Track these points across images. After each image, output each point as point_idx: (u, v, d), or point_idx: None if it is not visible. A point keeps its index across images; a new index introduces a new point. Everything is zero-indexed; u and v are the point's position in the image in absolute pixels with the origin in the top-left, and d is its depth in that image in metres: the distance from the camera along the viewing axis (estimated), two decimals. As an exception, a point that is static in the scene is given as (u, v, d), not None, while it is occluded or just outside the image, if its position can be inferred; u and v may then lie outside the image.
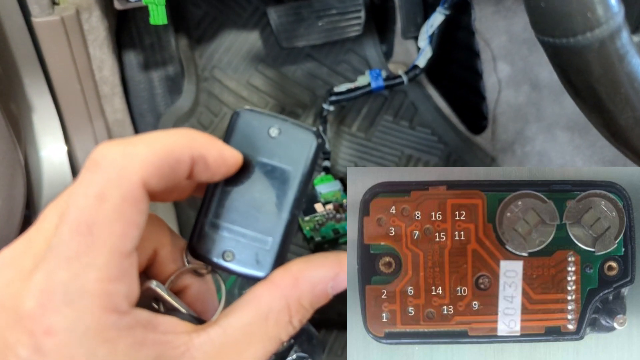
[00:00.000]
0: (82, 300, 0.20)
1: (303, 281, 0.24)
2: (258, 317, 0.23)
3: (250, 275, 0.25)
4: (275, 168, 0.25)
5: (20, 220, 0.59)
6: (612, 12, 0.31)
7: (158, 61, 0.86)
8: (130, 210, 0.21)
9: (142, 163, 0.21)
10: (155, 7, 0.56)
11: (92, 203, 0.21)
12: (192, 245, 0.26)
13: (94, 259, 0.21)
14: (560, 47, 0.33)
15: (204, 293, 0.27)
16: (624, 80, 0.33)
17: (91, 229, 0.21)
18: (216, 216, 0.25)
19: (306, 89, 0.99)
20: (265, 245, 0.25)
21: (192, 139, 0.23)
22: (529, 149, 0.90)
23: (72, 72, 0.66)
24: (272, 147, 0.25)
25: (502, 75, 0.91)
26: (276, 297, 0.24)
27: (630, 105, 0.34)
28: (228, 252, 0.25)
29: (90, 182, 0.21)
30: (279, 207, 0.25)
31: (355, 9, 0.92)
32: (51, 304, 0.20)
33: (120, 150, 0.22)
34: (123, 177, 0.21)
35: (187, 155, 0.23)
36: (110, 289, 0.21)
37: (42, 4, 0.60)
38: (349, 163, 0.96)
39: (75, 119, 0.69)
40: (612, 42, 0.32)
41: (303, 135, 0.25)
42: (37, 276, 0.21)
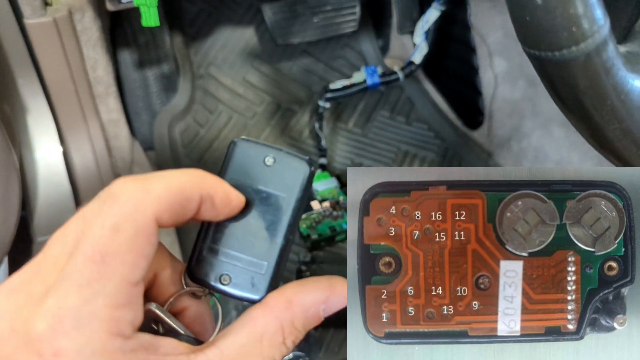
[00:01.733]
0: (91, 324, 0.22)
1: (296, 304, 0.25)
2: (253, 339, 0.25)
3: (246, 298, 0.26)
4: (270, 195, 0.27)
5: (17, 221, 0.59)
6: (597, 25, 0.31)
7: (153, 59, 0.85)
8: (143, 242, 0.23)
9: (156, 199, 0.23)
10: (147, 9, 0.56)
11: (108, 234, 0.22)
12: (190, 269, 0.27)
13: (105, 286, 0.22)
14: (546, 60, 0.33)
15: (202, 315, 0.28)
16: (610, 92, 0.33)
17: (105, 258, 0.22)
18: (214, 241, 0.27)
19: (302, 85, 0.99)
20: (260, 269, 0.26)
21: (203, 179, 0.25)
22: (525, 145, 0.90)
23: (65, 72, 0.66)
24: (267, 175, 0.27)
25: (498, 70, 0.91)
26: (270, 320, 0.25)
27: (617, 117, 0.34)
28: (225, 276, 0.27)
29: (107, 214, 0.23)
30: (274, 232, 0.26)
31: (351, 5, 0.92)
32: (61, 328, 0.22)
33: (137, 186, 0.23)
34: (138, 211, 0.23)
35: (197, 194, 0.24)
36: (117, 315, 0.22)
37: (34, 5, 0.60)
38: (345, 160, 0.95)
39: (69, 120, 0.69)
40: (598, 55, 0.32)
41: (296, 164, 0.27)
42: (50, 301, 0.22)
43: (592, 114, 0.35)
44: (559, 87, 0.35)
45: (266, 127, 0.96)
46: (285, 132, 0.96)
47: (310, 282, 0.26)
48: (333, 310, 0.26)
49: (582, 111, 0.35)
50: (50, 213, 0.70)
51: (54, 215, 0.71)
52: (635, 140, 0.36)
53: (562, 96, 0.36)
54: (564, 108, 0.37)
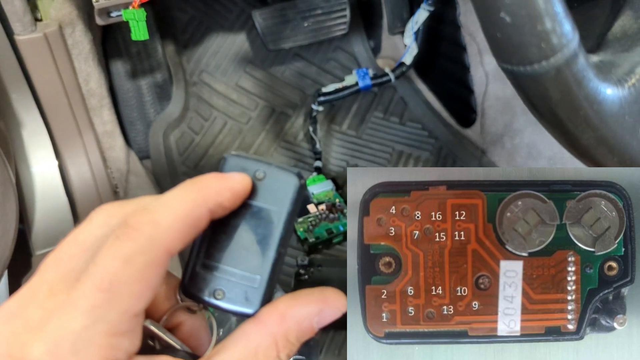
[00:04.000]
0: (88, 350, 0.22)
1: (289, 318, 0.25)
2: (247, 354, 0.25)
3: (240, 313, 0.26)
4: (262, 209, 0.27)
5: (14, 236, 0.59)
6: (566, 39, 0.31)
7: (145, 69, 0.85)
8: (152, 274, 0.23)
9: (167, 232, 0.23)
10: (136, 24, 0.56)
11: (119, 265, 0.23)
12: (184, 284, 0.27)
13: (107, 314, 0.22)
14: (518, 74, 0.34)
15: (197, 329, 0.29)
16: (583, 103, 0.34)
17: (112, 286, 0.22)
18: (207, 256, 0.27)
19: (296, 89, 0.99)
20: (253, 283, 0.26)
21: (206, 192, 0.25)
22: (518, 141, 0.90)
23: (58, 87, 0.66)
24: (258, 189, 0.27)
25: (489, 68, 0.91)
26: (264, 334, 0.25)
27: (590, 126, 0.35)
28: (219, 291, 0.27)
29: (120, 247, 0.23)
30: (266, 246, 0.26)
31: (340, 8, 0.92)
32: (58, 353, 0.22)
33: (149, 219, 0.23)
34: (151, 245, 0.23)
35: (206, 211, 0.25)
36: (114, 343, 0.22)
37: (24, 21, 0.60)
38: (340, 162, 0.96)
39: (64, 133, 0.69)
40: (568, 68, 0.32)
41: (286, 177, 0.27)
42: (51, 325, 0.22)
43: (567, 124, 0.35)
44: (533, 99, 0.35)
45: (261, 132, 0.96)
46: (280, 136, 0.96)
47: (303, 295, 0.26)
48: (326, 322, 0.26)
49: (556, 122, 0.35)
50: (48, 226, 0.70)
51: (52, 228, 0.70)
52: (610, 148, 0.36)
53: (537, 108, 0.36)
54: (540, 119, 0.37)
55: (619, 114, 0.34)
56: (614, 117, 0.34)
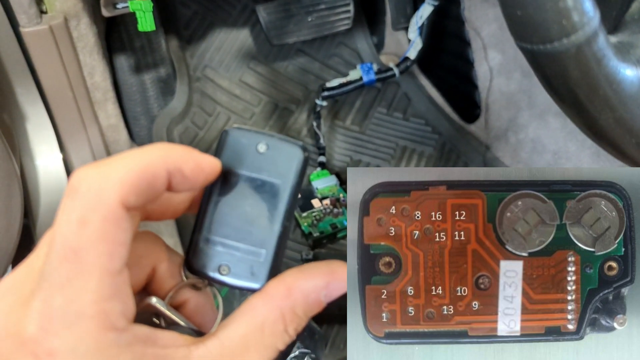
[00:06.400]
0: (80, 322, 0.21)
1: (296, 291, 0.25)
2: (254, 328, 0.24)
3: (246, 287, 0.26)
4: (265, 182, 0.26)
5: (19, 229, 0.60)
6: (587, 17, 0.31)
7: (149, 63, 0.85)
8: (113, 230, 0.22)
9: (118, 183, 0.22)
10: (142, 14, 0.56)
11: (75, 229, 0.22)
12: (188, 261, 0.27)
13: (86, 282, 0.21)
14: (538, 53, 0.33)
15: (203, 306, 0.28)
16: (602, 82, 0.34)
17: (77, 253, 0.21)
18: (210, 232, 0.26)
19: (299, 84, 0.99)
20: (259, 257, 0.26)
21: (167, 153, 0.24)
22: (523, 136, 0.90)
23: (63, 80, 0.66)
24: (260, 162, 0.26)
25: (493, 63, 0.91)
26: (271, 308, 0.24)
27: (609, 106, 0.35)
28: (223, 266, 0.26)
29: (71, 208, 0.22)
30: (271, 220, 0.26)
31: (344, 3, 0.92)
32: (51, 328, 0.21)
33: (97, 174, 0.22)
34: (101, 199, 0.22)
35: (163, 169, 0.23)
36: (105, 308, 0.22)
37: (29, 13, 0.60)
38: (344, 157, 0.96)
39: (69, 127, 0.69)
40: (589, 47, 0.32)
41: (290, 149, 0.26)
42: (35, 303, 0.22)
43: (586, 105, 0.35)
44: (551, 79, 0.35)
45: (264, 127, 0.96)
46: (284, 131, 0.96)
47: (310, 267, 0.25)
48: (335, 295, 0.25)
49: (575, 102, 0.35)
50: (52, 220, 0.70)
51: (56, 222, 0.71)
52: (629, 129, 0.36)
53: (555, 88, 0.36)
54: (558, 99, 0.37)
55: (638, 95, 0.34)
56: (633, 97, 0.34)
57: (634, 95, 0.34)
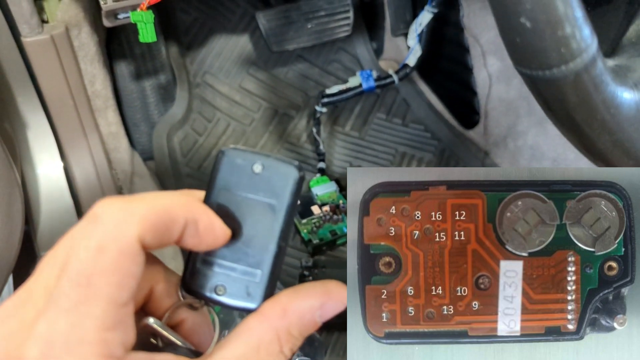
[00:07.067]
0: (81, 349, 0.22)
1: (291, 312, 0.25)
2: (250, 349, 0.24)
3: (242, 308, 0.26)
4: (261, 203, 0.26)
5: (20, 237, 0.60)
6: (585, 44, 0.32)
7: (149, 70, 0.86)
8: (127, 262, 0.23)
9: (139, 219, 0.23)
10: (144, 25, 0.57)
11: (92, 255, 0.22)
12: (185, 281, 0.27)
13: (92, 309, 0.22)
14: (537, 79, 0.34)
15: (200, 325, 0.28)
16: (600, 107, 0.34)
17: (90, 280, 0.22)
18: (207, 252, 0.27)
19: (299, 90, 0.99)
20: (254, 278, 0.26)
21: (189, 204, 0.25)
22: (521, 143, 0.90)
23: (64, 88, 0.66)
24: (256, 183, 0.26)
25: (492, 70, 0.92)
26: (266, 329, 0.25)
27: (607, 130, 0.35)
28: (220, 287, 0.26)
29: (91, 235, 0.22)
30: (266, 240, 0.26)
31: (344, 10, 0.93)
32: (52, 353, 0.22)
33: (120, 206, 0.23)
34: (122, 231, 0.22)
35: (182, 217, 0.24)
36: (107, 338, 0.22)
37: (31, 23, 0.60)
38: (344, 163, 0.96)
39: (69, 135, 0.69)
40: (587, 73, 0.33)
41: (285, 169, 0.26)
42: (40, 327, 0.22)
43: (584, 128, 0.35)
44: (550, 103, 0.35)
45: (264, 133, 0.96)
46: (283, 137, 0.96)
47: (305, 288, 0.26)
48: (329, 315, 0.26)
49: (573, 126, 0.36)
50: (53, 227, 0.71)
51: (57, 229, 0.71)
52: (626, 151, 0.36)
53: (554, 112, 0.36)
54: (557, 123, 0.37)
55: (635, 118, 0.35)
56: (630, 120, 0.35)
57: (631, 118, 0.35)
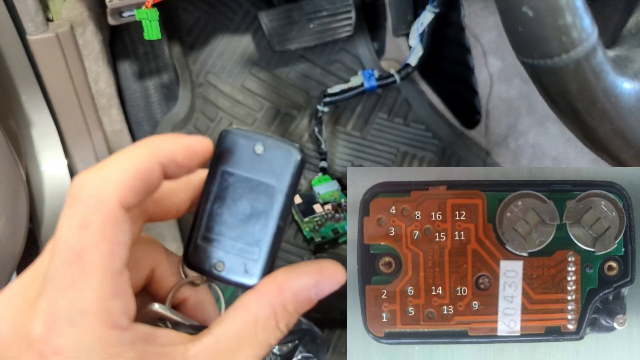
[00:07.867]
0: (84, 320, 0.22)
1: (287, 289, 0.25)
2: (247, 324, 0.25)
3: (240, 284, 0.27)
4: (261, 183, 0.26)
5: (25, 234, 0.60)
6: (586, 33, 0.32)
7: (153, 69, 0.86)
8: (113, 231, 0.23)
9: (115, 185, 0.23)
10: (149, 23, 0.57)
11: (76, 232, 0.22)
12: (187, 256, 0.28)
13: (89, 282, 0.22)
14: (538, 68, 0.34)
15: (202, 302, 0.29)
16: (601, 95, 0.34)
17: (80, 255, 0.22)
18: (208, 230, 0.27)
19: (300, 90, 1.00)
20: (253, 255, 0.27)
21: (157, 147, 0.24)
22: (523, 142, 0.91)
23: (69, 86, 0.66)
24: (257, 163, 0.26)
25: (493, 69, 0.92)
26: (263, 305, 0.25)
27: (607, 119, 0.35)
28: (219, 263, 0.27)
29: (72, 214, 0.23)
30: (266, 219, 0.26)
31: (346, 10, 0.93)
32: (57, 327, 0.22)
33: (94, 179, 0.23)
34: (101, 202, 0.23)
35: (156, 164, 0.24)
36: (107, 307, 0.22)
37: (36, 21, 0.61)
38: (345, 162, 0.96)
39: (74, 133, 0.70)
40: (588, 62, 0.33)
41: (286, 150, 0.26)
42: (41, 304, 0.23)
43: (584, 117, 0.36)
44: (551, 92, 0.36)
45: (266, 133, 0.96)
46: (285, 136, 0.97)
47: (301, 266, 0.26)
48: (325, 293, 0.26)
49: (574, 114, 0.36)
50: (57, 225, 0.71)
51: (60, 226, 0.71)
52: (627, 140, 0.37)
53: (555, 101, 0.37)
54: (558, 112, 0.38)
55: (635, 107, 0.35)
56: (631, 110, 0.35)
57: (631, 107, 0.35)
